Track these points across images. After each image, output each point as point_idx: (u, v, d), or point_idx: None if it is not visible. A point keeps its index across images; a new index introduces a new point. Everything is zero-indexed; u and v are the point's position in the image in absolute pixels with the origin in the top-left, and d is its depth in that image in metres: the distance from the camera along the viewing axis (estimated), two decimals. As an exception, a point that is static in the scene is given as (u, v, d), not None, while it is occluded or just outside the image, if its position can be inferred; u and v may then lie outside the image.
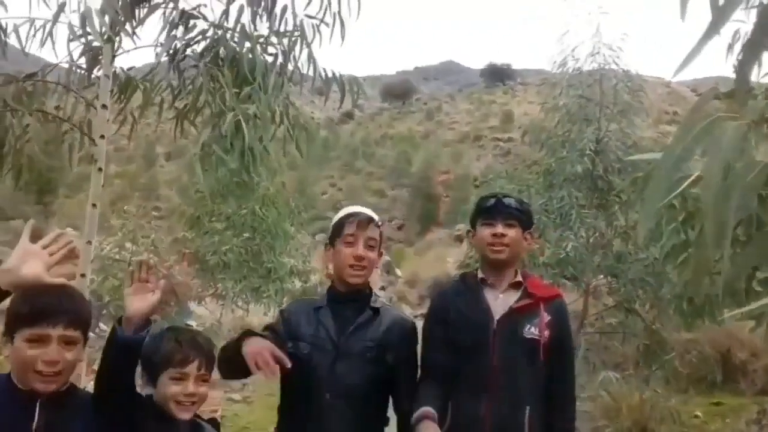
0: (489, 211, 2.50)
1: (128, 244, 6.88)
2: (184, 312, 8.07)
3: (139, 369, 1.96)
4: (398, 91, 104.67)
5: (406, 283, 32.92)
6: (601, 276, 7.12)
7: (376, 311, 2.41)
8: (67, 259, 1.87)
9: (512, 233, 2.46)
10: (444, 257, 34.69)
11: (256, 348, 2.05)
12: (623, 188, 7.24)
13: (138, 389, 2.00)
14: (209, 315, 12.56)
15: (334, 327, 2.36)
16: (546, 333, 2.37)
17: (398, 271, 35.05)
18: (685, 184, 1.62)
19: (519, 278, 2.50)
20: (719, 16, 1.12)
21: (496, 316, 2.40)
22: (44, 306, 1.73)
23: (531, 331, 2.38)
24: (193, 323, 6.45)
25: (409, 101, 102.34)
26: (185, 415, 1.99)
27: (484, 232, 2.48)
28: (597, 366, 7.77)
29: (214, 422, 2.24)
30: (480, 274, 2.52)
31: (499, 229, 2.44)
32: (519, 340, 2.37)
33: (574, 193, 6.89)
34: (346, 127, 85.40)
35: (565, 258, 6.45)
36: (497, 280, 2.49)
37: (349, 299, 2.41)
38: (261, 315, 13.10)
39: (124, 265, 6.73)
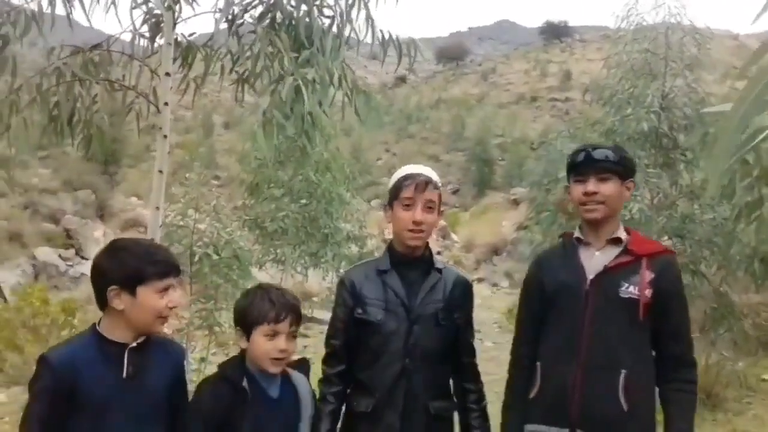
0: (579, 166, 2.30)
1: (191, 211, 7.04)
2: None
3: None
4: (452, 53, 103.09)
5: (463, 247, 32.87)
6: (666, 237, 6.89)
7: (440, 271, 2.40)
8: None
9: (607, 188, 2.25)
10: (500, 221, 34.41)
11: None
12: (689, 146, 6.96)
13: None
14: (270, 280, 12.85)
15: (403, 290, 2.33)
16: (648, 292, 2.18)
17: (454, 236, 34.98)
18: (759, 138, 1.46)
19: (619, 234, 2.30)
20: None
21: (590, 276, 2.24)
22: (170, 261, 2.01)
23: (629, 290, 2.19)
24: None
25: (463, 63, 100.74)
26: (277, 369, 2.16)
27: (576, 190, 2.30)
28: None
29: (304, 362, 2.36)
30: (576, 233, 2.37)
31: (591, 186, 2.25)
32: (615, 300, 2.20)
33: (637, 152, 6.65)
34: (399, 92, 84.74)
35: (630, 220, 6.27)
36: (594, 238, 2.32)
37: (413, 261, 2.38)
38: (320, 280, 13.32)
39: (188, 231, 6.90)
